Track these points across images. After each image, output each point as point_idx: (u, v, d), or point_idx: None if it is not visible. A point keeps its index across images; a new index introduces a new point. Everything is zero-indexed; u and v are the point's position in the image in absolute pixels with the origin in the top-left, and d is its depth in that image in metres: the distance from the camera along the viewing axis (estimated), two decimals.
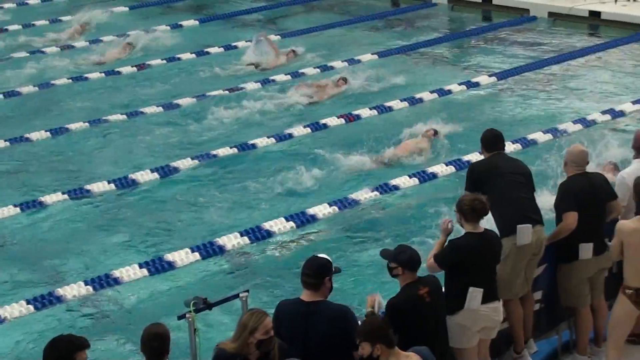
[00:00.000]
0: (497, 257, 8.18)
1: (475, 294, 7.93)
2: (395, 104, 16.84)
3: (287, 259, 11.52)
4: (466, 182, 8.99)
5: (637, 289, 8.28)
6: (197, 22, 23.11)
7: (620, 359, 8.58)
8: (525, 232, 8.50)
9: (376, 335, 6.77)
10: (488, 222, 8.63)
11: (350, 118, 16.15)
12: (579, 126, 15.44)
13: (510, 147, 14.31)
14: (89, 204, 13.28)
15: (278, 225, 12.27)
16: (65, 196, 13.28)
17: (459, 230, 8.24)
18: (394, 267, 7.56)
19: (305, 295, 7.10)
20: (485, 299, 8.00)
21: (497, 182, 8.72)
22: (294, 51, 19.90)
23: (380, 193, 13.14)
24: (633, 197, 8.37)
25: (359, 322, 7.17)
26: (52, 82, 18.39)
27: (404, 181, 13.46)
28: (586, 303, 8.98)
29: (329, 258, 7.20)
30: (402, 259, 7.52)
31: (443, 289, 7.89)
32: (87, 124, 16.13)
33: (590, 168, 9.30)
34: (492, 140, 9.06)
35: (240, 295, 7.53)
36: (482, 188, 8.71)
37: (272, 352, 6.67)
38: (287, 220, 12.38)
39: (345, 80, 17.64)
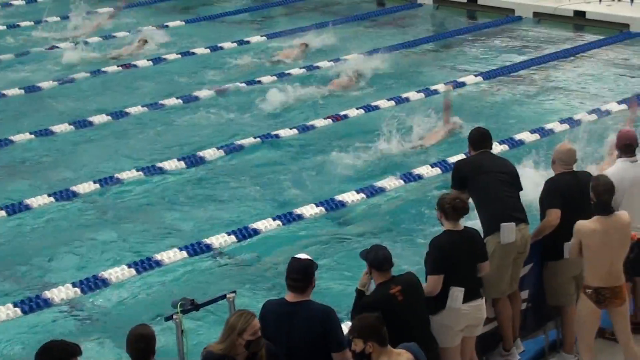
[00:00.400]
0: (478, 254, 8.18)
1: (456, 294, 7.95)
2: (382, 103, 16.87)
3: (274, 259, 11.52)
4: (452, 179, 9.04)
5: (596, 289, 8.32)
6: (183, 23, 23.10)
7: (594, 357, 8.61)
8: (509, 231, 8.53)
9: (369, 333, 6.79)
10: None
11: (338, 118, 16.17)
12: (565, 126, 15.49)
13: (497, 148, 14.36)
14: (74, 205, 13.23)
15: (265, 224, 12.27)
16: (51, 198, 13.23)
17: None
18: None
19: (290, 296, 7.13)
20: (467, 298, 8.02)
21: (482, 180, 8.77)
22: (305, 44, 19.94)
23: (367, 196, 13.14)
24: (592, 197, 8.36)
25: (341, 324, 7.20)
26: (38, 84, 18.32)
27: (389, 183, 13.47)
28: (572, 302, 9.00)
29: (309, 257, 7.23)
30: (369, 259, 7.59)
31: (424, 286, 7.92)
32: (71, 125, 16.09)
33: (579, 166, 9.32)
34: (479, 139, 9.09)
35: (228, 296, 7.54)
36: (468, 186, 8.77)
37: (259, 353, 6.67)
38: (274, 219, 12.39)
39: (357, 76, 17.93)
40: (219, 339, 6.70)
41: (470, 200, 8.73)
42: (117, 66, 19.34)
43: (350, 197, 13.07)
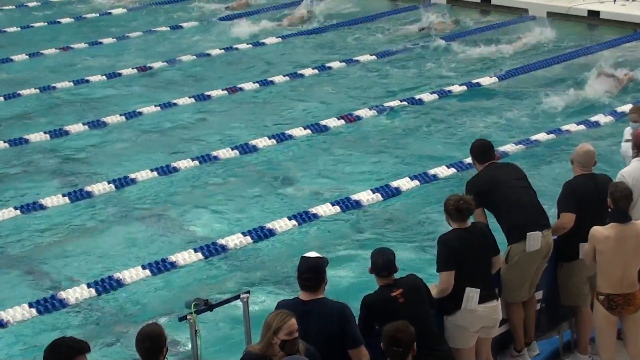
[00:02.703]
0: (489, 248, 8.13)
1: (472, 295, 7.93)
2: (395, 104, 16.86)
3: (289, 259, 11.52)
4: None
5: (608, 295, 8.28)
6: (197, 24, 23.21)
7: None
8: (535, 239, 8.50)
9: (384, 342, 6.73)
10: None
11: (351, 119, 16.17)
12: (582, 127, 15.44)
13: (512, 149, 14.37)
14: (89, 205, 13.27)
15: (280, 224, 12.28)
16: (66, 198, 13.28)
17: None
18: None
19: (304, 295, 7.13)
20: (483, 299, 8.00)
21: (499, 191, 8.66)
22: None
23: (383, 196, 13.11)
24: (609, 204, 8.32)
25: (356, 320, 7.21)
26: (53, 84, 18.40)
27: (405, 183, 13.44)
28: (587, 302, 8.99)
29: (319, 254, 7.25)
30: (372, 264, 7.59)
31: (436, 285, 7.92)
32: (85, 125, 16.16)
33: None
34: (483, 151, 8.97)
35: (242, 296, 7.54)
36: (485, 201, 8.66)
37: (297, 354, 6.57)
38: (290, 219, 12.39)
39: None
40: (259, 339, 6.67)
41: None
42: (132, 68, 19.38)
43: (365, 196, 13.06)
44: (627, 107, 16.13)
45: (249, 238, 11.98)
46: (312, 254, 7.27)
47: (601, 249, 8.20)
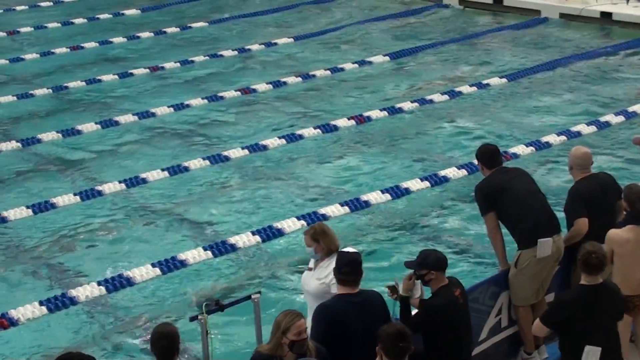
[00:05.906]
0: (613, 313, 7.55)
1: (591, 353, 7.39)
2: (406, 105, 16.85)
3: (298, 259, 11.52)
4: (481, 206, 8.76)
5: (625, 297, 8.17)
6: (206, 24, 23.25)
7: None
8: (546, 246, 8.45)
9: (383, 343, 6.63)
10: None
11: (361, 119, 16.16)
12: (592, 128, 15.39)
13: (524, 150, 14.33)
14: (100, 204, 13.30)
15: (289, 224, 12.28)
16: (77, 197, 13.31)
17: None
18: (425, 272, 7.42)
19: (344, 289, 7.11)
20: (605, 357, 7.40)
21: (509, 196, 8.59)
22: None
23: (392, 197, 13.10)
24: (625, 206, 8.28)
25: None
26: (65, 84, 18.45)
27: (414, 184, 13.42)
28: None
29: (355, 249, 7.26)
30: (431, 262, 7.41)
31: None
32: (98, 125, 16.19)
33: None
34: (490, 156, 8.89)
35: (252, 296, 7.54)
36: (495, 206, 8.63)
37: (307, 355, 6.55)
38: (299, 219, 12.38)
39: None
40: (269, 339, 6.67)
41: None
42: (144, 68, 19.42)
43: (374, 196, 13.05)
44: (637, 108, 16.23)
45: (258, 237, 11.98)
46: (349, 249, 7.28)
47: (620, 252, 8.17)
